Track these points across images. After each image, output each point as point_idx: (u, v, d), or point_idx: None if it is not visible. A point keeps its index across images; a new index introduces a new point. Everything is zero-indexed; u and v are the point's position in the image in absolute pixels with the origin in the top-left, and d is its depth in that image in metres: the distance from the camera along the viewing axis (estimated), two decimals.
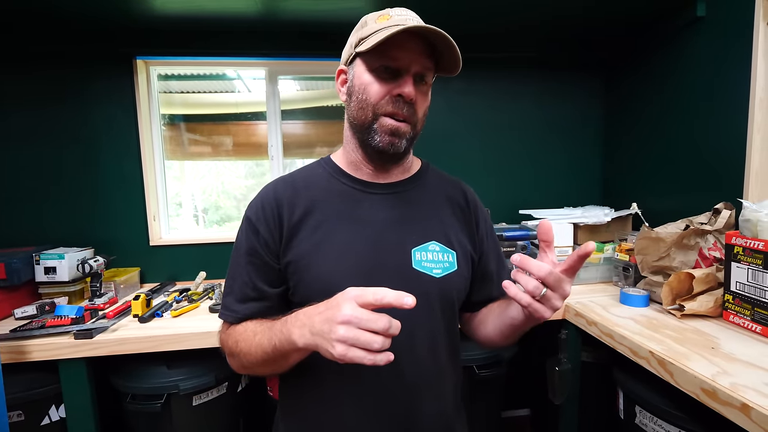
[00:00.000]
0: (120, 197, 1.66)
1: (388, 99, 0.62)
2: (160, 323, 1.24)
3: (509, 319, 0.65)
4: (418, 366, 0.64)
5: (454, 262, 0.68)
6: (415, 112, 0.63)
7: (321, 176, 0.70)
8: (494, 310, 0.71)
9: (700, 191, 1.41)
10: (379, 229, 0.66)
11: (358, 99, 0.64)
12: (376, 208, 0.67)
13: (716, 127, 1.34)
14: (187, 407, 1.22)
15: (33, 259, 1.38)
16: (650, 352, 0.93)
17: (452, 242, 0.69)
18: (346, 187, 0.69)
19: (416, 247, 0.66)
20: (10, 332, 1.14)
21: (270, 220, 0.65)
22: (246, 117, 1.88)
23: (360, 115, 0.64)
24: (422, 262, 0.65)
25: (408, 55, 0.61)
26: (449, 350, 0.69)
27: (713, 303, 1.10)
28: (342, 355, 0.46)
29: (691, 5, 1.37)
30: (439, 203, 0.72)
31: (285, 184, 0.69)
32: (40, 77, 1.58)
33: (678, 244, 1.20)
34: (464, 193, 0.75)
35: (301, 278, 0.64)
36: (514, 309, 0.63)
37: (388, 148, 0.63)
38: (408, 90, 0.61)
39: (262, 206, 0.67)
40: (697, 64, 1.41)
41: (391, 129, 0.62)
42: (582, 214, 1.56)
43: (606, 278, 1.52)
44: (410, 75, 0.61)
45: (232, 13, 1.45)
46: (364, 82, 0.63)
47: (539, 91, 1.88)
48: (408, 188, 0.71)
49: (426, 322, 0.65)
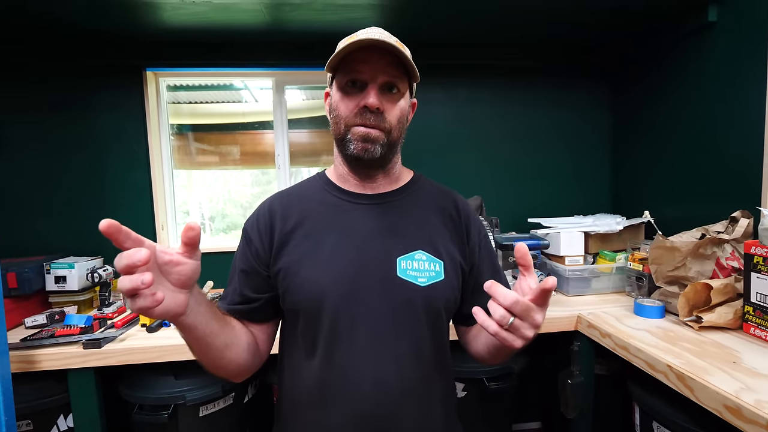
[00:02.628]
0: (129, 207, 1.68)
1: (357, 112, 0.65)
2: (167, 333, 1.24)
3: (493, 339, 0.63)
4: (402, 374, 0.64)
5: (441, 272, 0.68)
6: (384, 119, 0.65)
7: (315, 189, 0.74)
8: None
9: (715, 199, 1.38)
10: (365, 238, 0.67)
11: (333, 116, 0.68)
12: (364, 218, 0.69)
13: (732, 134, 1.31)
14: (193, 418, 1.21)
15: (44, 268, 1.40)
16: (668, 366, 0.90)
17: (440, 252, 0.69)
18: (336, 199, 0.72)
19: (402, 255, 0.67)
20: (21, 341, 1.15)
21: (263, 231, 0.70)
22: (252, 126, 1.89)
23: (335, 130, 0.68)
24: (407, 271, 0.66)
25: (370, 67, 0.64)
26: (436, 360, 0.69)
27: (732, 315, 1.06)
28: (137, 305, 0.45)
29: (702, 10, 1.35)
30: (428, 213, 0.73)
31: (281, 198, 0.74)
32: (50, 88, 1.61)
33: (694, 253, 1.17)
34: (455, 203, 0.76)
35: (289, 285, 0.66)
36: None
37: (362, 154, 0.66)
38: (371, 101, 0.63)
39: (257, 218, 0.72)
40: (710, 70, 1.38)
41: (362, 135, 0.65)
42: (593, 223, 1.53)
43: (618, 288, 1.49)
44: (375, 86, 0.64)
45: (240, 24, 1.46)
46: (336, 100, 0.67)
47: (546, 98, 1.86)
48: (396, 198, 0.73)
49: (410, 330, 0.66)
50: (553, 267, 1.52)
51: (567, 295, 1.47)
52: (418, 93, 0.69)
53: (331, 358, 0.64)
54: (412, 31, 1.54)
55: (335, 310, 0.64)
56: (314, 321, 0.65)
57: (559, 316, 1.27)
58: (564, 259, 1.48)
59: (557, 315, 1.27)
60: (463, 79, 1.80)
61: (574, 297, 1.46)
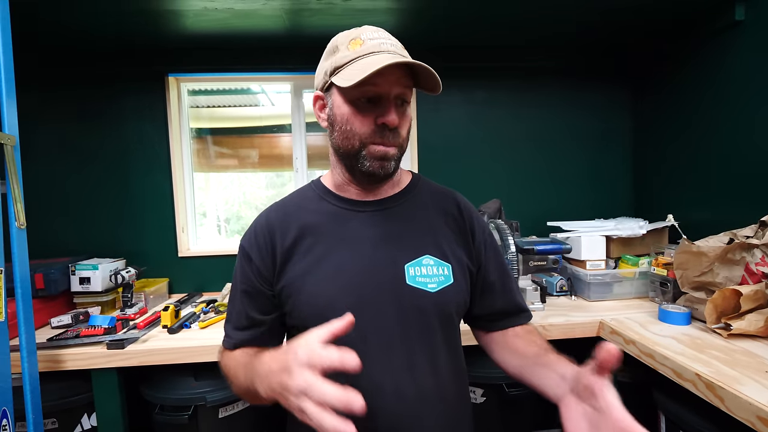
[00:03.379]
0: (151, 210, 1.72)
1: (374, 129, 0.62)
2: (188, 334, 1.26)
3: (539, 383, 0.60)
4: (419, 384, 0.62)
5: (450, 275, 0.66)
6: (400, 135, 0.64)
7: (311, 199, 0.71)
8: (529, 351, 0.66)
9: (743, 202, 1.34)
10: (370, 247, 0.65)
11: (342, 130, 0.63)
12: (366, 225, 0.67)
13: (760, 135, 1.27)
14: (213, 419, 1.23)
15: (69, 269, 1.43)
16: (697, 375, 0.88)
17: (447, 255, 0.67)
18: (335, 208, 0.69)
19: (409, 262, 0.65)
20: (47, 341, 1.18)
21: (262, 248, 0.67)
22: (270, 130, 1.92)
23: (346, 144, 0.64)
24: (416, 278, 0.64)
25: (386, 80, 0.60)
26: (451, 366, 0.67)
27: (763, 322, 1.03)
28: (306, 421, 0.44)
29: (728, 9, 1.32)
30: (431, 216, 0.70)
31: (277, 211, 0.71)
32: (77, 96, 1.66)
33: (722, 258, 1.13)
34: (457, 204, 0.73)
35: (294, 302, 0.64)
36: (555, 385, 0.57)
37: (378, 172, 0.63)
38: (392, 118, 0.61)
39: (254, 234, 0.69)
40: (738, 70, 1.35)
41: (381, 155, 0.62)
42: (615, 227, 1.50)
43: (641, 293, 1.45)
44: (391, 101, 0.61)
45: (260, 30, 1.48)
46: (345, 113, 0.62)
47: (564, 100, 1.84)
48: (397, 203, 0.70)
49: (423, 338, 0.64)
50: (574, 272, 1.49)
51: (588, 300, 1.44)
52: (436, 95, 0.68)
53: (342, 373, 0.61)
54: (429, 34, 1.54)
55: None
56: None
57: (581, 321, 1.24)
58: (585, 264, 1.45)
59: (579, 321, 1.25)
60: (481, 81, 1.79)
61: (595, 302, 1.43)
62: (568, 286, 1.48)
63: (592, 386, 0.47)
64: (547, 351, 0.64)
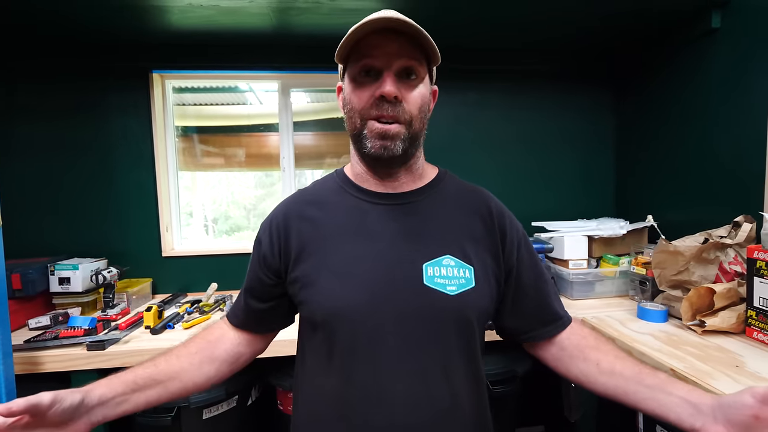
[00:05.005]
0: (134, 208, 1.68)
1: (372, 102, 0.59)
2: (171, 335, 1.24)
3: (654, 409, 0.56)
4: (432, 391, 0.58)
5: (472, 278, 0.61)
6: (403, 109, 0.59)
7: (333, 189, 0.69)
8: (625, 369, 0.60)
9: (718, 204, 1.38)
10: (387, 243, 0.62)
11: (348, 110, 0.63)
12: (385, 219, 0.64)
13: (734, 139, 1.32)
14: (197, 421, 1.21)
15: (48, 269, 1.40)
16: (672, 370, 0.90)
17: (470, 257, 0.63)
18: (354, 199, 0.66)
19: (428, 261, 0.61)
20: (24, 343, 1.15)
21: (274, 236, 0.66)
22: (258, 129, 1.90)
23: (351, 125, 0.63)
24: (435, 278, 0.60)
25: (384, 52, 0.57)
26: (467, 373, 0.62)
27: (735, 319, 1.07)
28: None
29: (706, 16, 1.37)
30: (456, 214, 0.66)
31: (297, 201, 0.69)
32: (56, 90, 1.62)
33: (697, 257, 1.17)
34: (487, 203, 0.69)
35: (306, 296, 0.62)
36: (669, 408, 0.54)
37: (381, 153, 0.60)
38: (388, 89, 0.57)
39: (270, 222, 0.68)
40: (714, 76, 1.39)
41: (380, 132, 0.59)
42: (597, 227, 1.54)
43: (622, 292, 1.49)
44: (390, 73, 0.58)
45: (247, 28, 1.47)
46: (349, 92, 0.62)
47: (552, 102, 1.87)
48: (420, 198, 0.66)
49: (439, 343, 0.59)
50: (558, 271, 1.52)
51: (571, 298, 1.47)
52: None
53: (351, 375, 0.59)
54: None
55: (355, 323, 0.59)
56: (333, 335, 0.60)
57: None
58: (568, 263, 1.48)
59: None
60: (474, 83, 1.81)
61: (578, 301, 1.46)
62: None
63: (767, 417, 0.47)
64: (647, 368, 0.60)
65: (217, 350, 0.69)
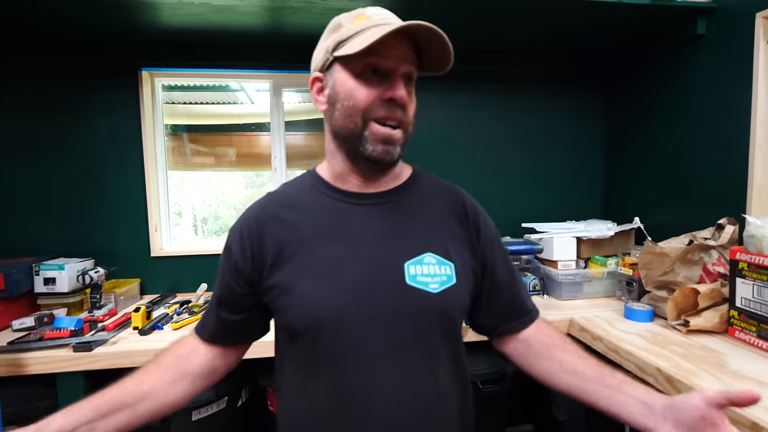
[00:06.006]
0: (122, 208, 1.66)
1: (379, 103, 0.58)
2: (160, 336, 1.23)
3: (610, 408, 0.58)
4: (418, 391, 0.59)
5: (453, 275, 0.62)
6: (406, 114, 0.60)
7: (307, 191, 0.66)
8: (587, 370, 0.62)
9: (703, 206, 1.42)
10: (368, 243, 0.61)
11: (344, 107, 0.59)
12: (365, 220, 0.63)
13: (718, 143, 1.36)
14: (186, 422, 1.20)
15: (32, 269, 1.37)
16: (658, 369, 0.93)
17: (450, 253, 0.63)
18: (330, 200, 0.64)
19: (410, 260, 0.60)
20: (8, 344, 1.12)
21: (245, 242, 0.63)
22: (249, 128, 1.89)
23: (347, 123, 0.59)
24: (417, 277, 0.60)
25: (395, 55, 0.57)
26: (452, 371, 0.63)
27: (719, 319, 1.09)
28: None
29: (691, 23, 1.40)
30: (433, 212, 0.66)
31: (269, 204, 0.66)
32: (44, 88, 1.58)
33: (682, 259, 1.20)
34: (462, 202, 0.69)
35: (284, 302, 0.60)
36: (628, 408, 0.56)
37: (383, 157, 0.59)
38: (401, 93, 0.57)
39: (240, 228, 0.65)
40: (699, 81, 1.43)
41: (385, 137, 0.58)
42: (585, 228, 1.56)
43: (609, 292, 1.52)
44: (399, 76, 0.58)
45: (238, 26, 1.46)
46: (349, 88, 0.58)
47: (541, 105, 1.89)
48: (399, 197, 0.65)
49: (424, 342, 0.60)
50: (547, 271, 1.54)
51: (560, 299, 1.49)
52: (417, 95, 0.65)
53: (336, 380, 0.58)
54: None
55: (339, 327, 0.58)
56: (315, 340, 0.58)
57: (553, 320, 1.29)
58: (557, 264, 1.50)
59: (550, 319, 1.29)
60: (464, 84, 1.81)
61: (566, 301, 1.48)
62: (540, 285, 1.53)
63: (712, 419, 0.49)
64: (607, 369, 0.62)
65: (190, 365, 0.66)
